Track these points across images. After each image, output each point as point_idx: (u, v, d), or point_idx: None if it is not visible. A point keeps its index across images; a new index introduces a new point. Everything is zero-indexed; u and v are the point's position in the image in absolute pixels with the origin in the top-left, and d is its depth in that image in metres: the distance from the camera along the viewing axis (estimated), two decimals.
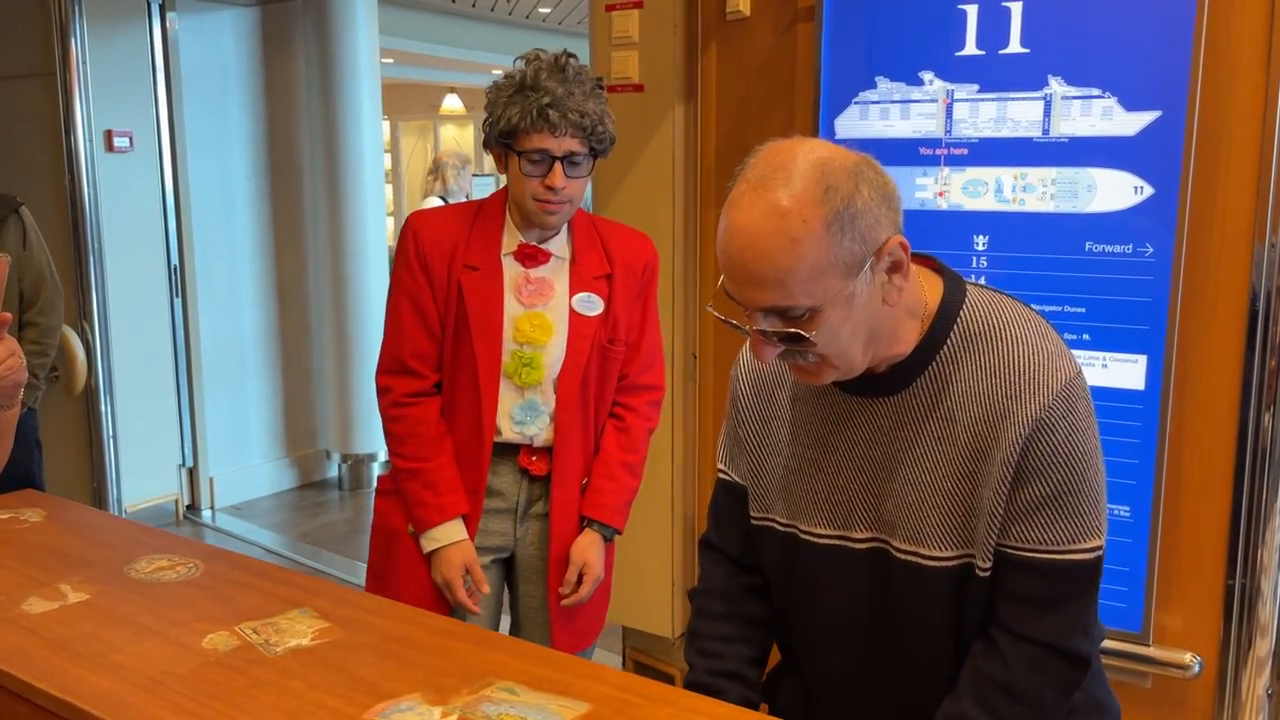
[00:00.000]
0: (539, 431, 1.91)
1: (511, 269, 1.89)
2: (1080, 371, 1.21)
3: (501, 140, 1.83)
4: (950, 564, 1.23)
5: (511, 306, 1.88)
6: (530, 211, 1.85)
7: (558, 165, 1.80)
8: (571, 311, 1.90)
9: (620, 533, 2.00)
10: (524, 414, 1.90)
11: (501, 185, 1.96)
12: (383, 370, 1.94)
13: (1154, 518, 2.17)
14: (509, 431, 1.90)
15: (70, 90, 4.15)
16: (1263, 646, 2.17)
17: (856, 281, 1.12)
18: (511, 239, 1.91)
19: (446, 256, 1.87)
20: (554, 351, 1.89)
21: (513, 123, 1.79)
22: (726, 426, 1.44)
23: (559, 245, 1.93)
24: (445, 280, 1.87)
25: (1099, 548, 1.21)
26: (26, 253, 3.03)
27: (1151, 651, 2.21)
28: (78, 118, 4.17)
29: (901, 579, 1.26)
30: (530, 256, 1.90)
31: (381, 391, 1.93)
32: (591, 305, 1.92)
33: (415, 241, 1.89)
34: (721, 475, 1.45)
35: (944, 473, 1.22)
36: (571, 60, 1.86)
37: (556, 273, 1.92)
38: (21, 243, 3.02)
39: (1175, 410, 2.13)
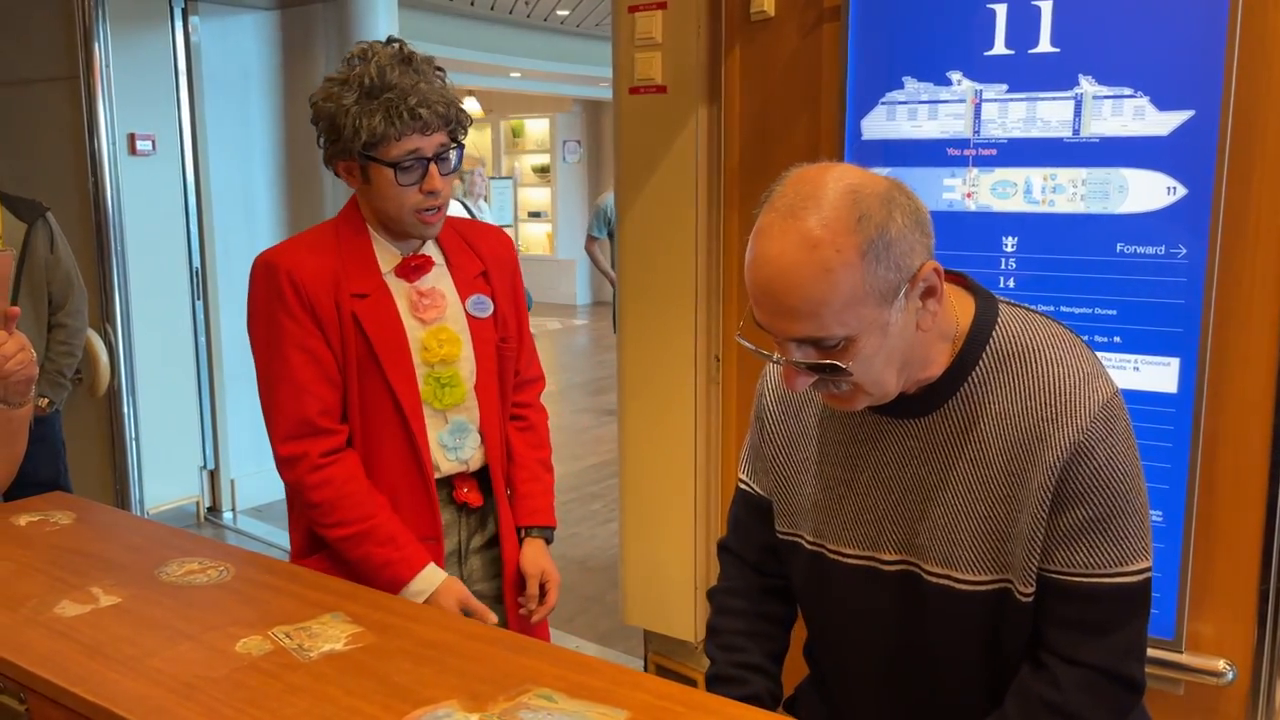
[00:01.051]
0: (472, 453, 1.78)
1: (398, 286, 1.72)
2: (1117, 391, 1.19)
3: (364, 153, 1.63)
4: (985, 588, 1.21)
5: (412, 327, 1.71)
6: (410, 225, 1.68)
7: (432, 167, 1.65)
8: (469, 317, 1.77)
9: (554, 529, 1.89)
10: (454, 439, 1.75)
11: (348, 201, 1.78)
12: (284, 438, 1.67)
13: (1187, 523, 2.14)
14: (445, 464, 1.75)
15: (94, 94, 4.17)
16: None
17: (891, 309, 1.10)
18: (388, 255, 1.73)
19: (330, 290, 1.66)
20: (467, 364, 1.76)
21: (379, 131, 1.60)
22: (750, 440, 1.43)
23: (432, 250, 1.79)
24: (335, 317, 1.66)
25: (1146, 569, 1.19)
26: (54, 257, 3.08)
27: (1184, 659, 2.18)
28: (101, 121, 4.19)
29: (933, 602, 1.24)
30: (415, 268, 1.74)
31: (290, 462, 1.67)
32: (484, 307, 1.79)
33: (291, 282, 1.65)
34: (743, 486, 1.44)
35: (978, 496, 1.19)
36: (411, 48, 1.69)
37: (441, 279, 1.77)
38: (49, 247, 3.07)
39: (1209, 414, 2.11)
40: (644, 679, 1.06)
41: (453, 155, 1.69)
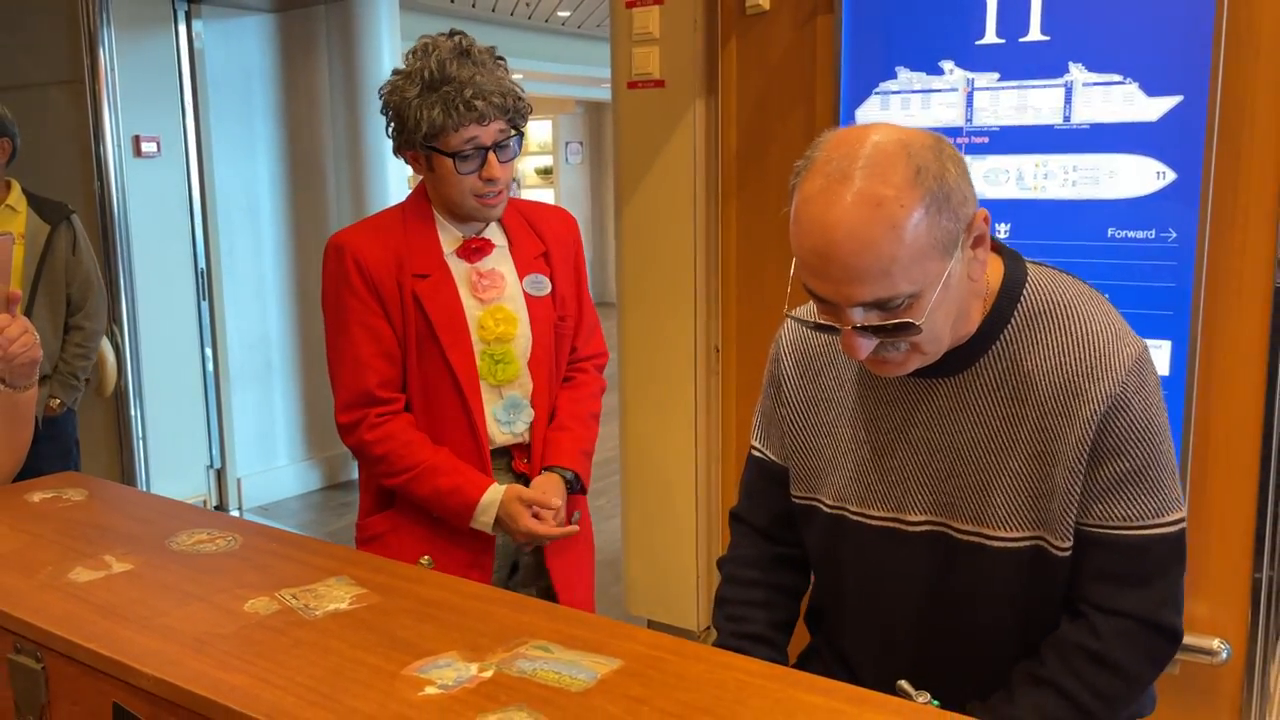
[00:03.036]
0: (525, 426, 1.85)
1: (459, 267, 1.81)
2: (1145, 346, 1.20)
3: (426, 144, 1.73)
4: (1019, 545, 1.21)
5: (470, 306, 1.80)
6: (471, 209, 1.78)
7: (491, 155, 1.73)
8: (526, 296, 1.85)
9: (583, 482, 1.92)
10: (507, 413, 1.83)
11: (414, 186, 1.88)
12: (344, 407, 1.80)
13: None
14: (500, 436, 1.83)
15: (99, 97, 4.22)
16: None
17: (952, 260, 1.09)
18: (450, 237, 1.82)
19: (393, 270, 1.76)
20: (522, 342, 1.83)
21: (438, 123, 1.69)
22: (764, 405, 1.43)
23: (494, 232, 1.87)
24: (397, 296, 1.77)
25: (1181, 520, 1.20)
26: (76, 259, 3.12)
27: None
28: (106, 124, 4.23)
29: (963, 560, 1.24)
30: (476, 250, 1.82)
31: (349, 428, 1.79)
32: (541, 286, 1.87)
33: (356, 263, 1.76)
34: (756, 452, 1.44)
35: (1011, 453, 1.20)
36: (471, 40, 1.76)
37: (501, 261, 1.85)
38: (72, 249, 3.11)
39: (1200, 396, 2.14)
40: (638, 631, 1.09)
41: (512, 143, 1.77)
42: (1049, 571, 1.21)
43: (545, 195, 12.94)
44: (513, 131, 1.78)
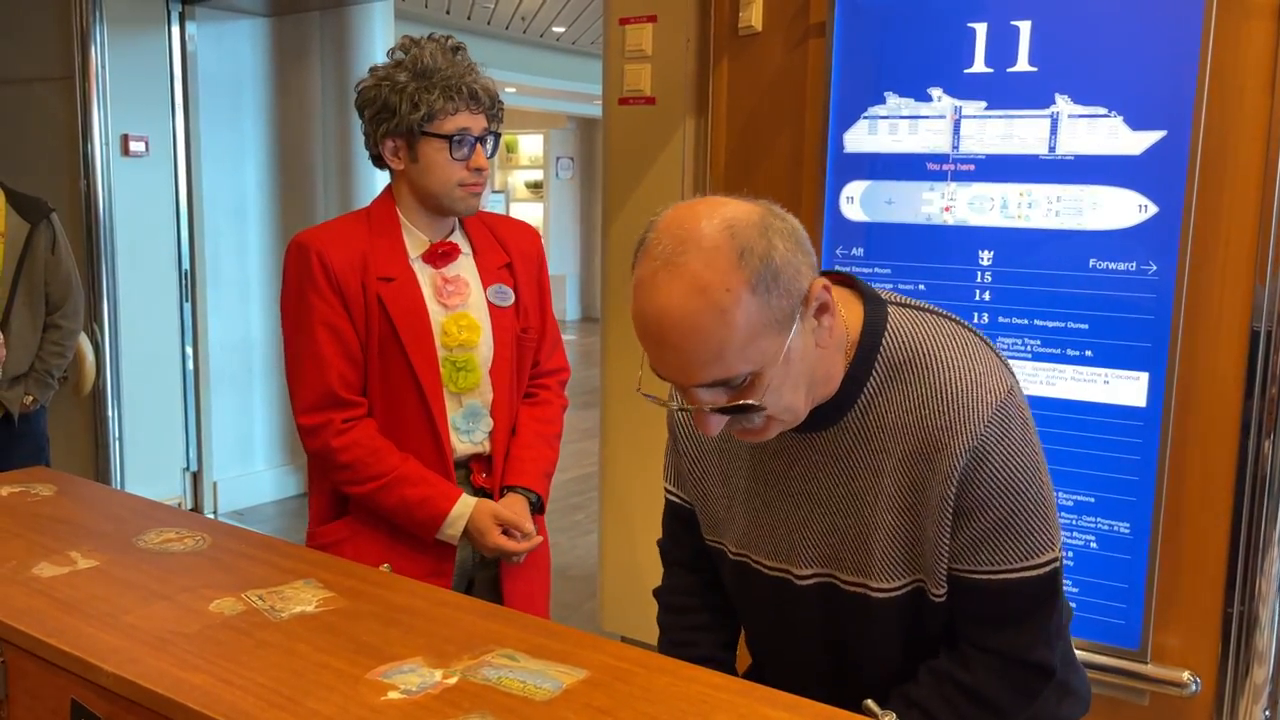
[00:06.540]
0: (484, 436, 1.83)
1: (424, 272, 1.80)
2: (1012, 387, 1.17)
3: (421, 127, 1.73)
4: (899, 592, 1.21)
5: (434, 311, 1.79)
6: (453, 199, 1.78)
7: (478, 146, 1.76)
8: (490, 305, 1.84)
9: (543, 501, 1.90)
10: (467, 422, 1.82)
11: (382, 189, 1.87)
12: (307, 409, 1.76)
13: (1153, 536, 2.18)
14: (460, 445, 1.81)
15: (89, 95, 4.20)
16: (1260, 674, 2.17)
17: (790, 335, 1.08)
18: (416, 242, 1.81)
19: (358, 272, 1.75)
20: (484, 350, 1.82)
21: (435, 106, 1.70)
22: (669, 448, 1.42)
23: (460, 240, 1.86)
24: (361, 298, 1.75)
25: (1053, 559, 1.19)
26: (55, 258, 3.10)
27: (1149, 669, 2.21)
28: (95, 122, 4.22)
29: (850, 610, 1.25)
30: (442, 255, 1.82)
31: (313, 431, 1.75)
32: (504, 296, 1.86)
33: (321, 262, 1.74)
34: (667, 493, 1.44)
35: (883, 506, 1.19)
36: (459, 41, 1.79)
37: (466, 268, 1.85)
38: (51, 247, 3.08)
39: (1176, 429, 2.15)
40: (605, 643, 1.09)
41: (490, 141, 1.79)
42: (930, 613, 1.22)
43: (535, 209, 12.95)
44: (493, 131, 1.80)
